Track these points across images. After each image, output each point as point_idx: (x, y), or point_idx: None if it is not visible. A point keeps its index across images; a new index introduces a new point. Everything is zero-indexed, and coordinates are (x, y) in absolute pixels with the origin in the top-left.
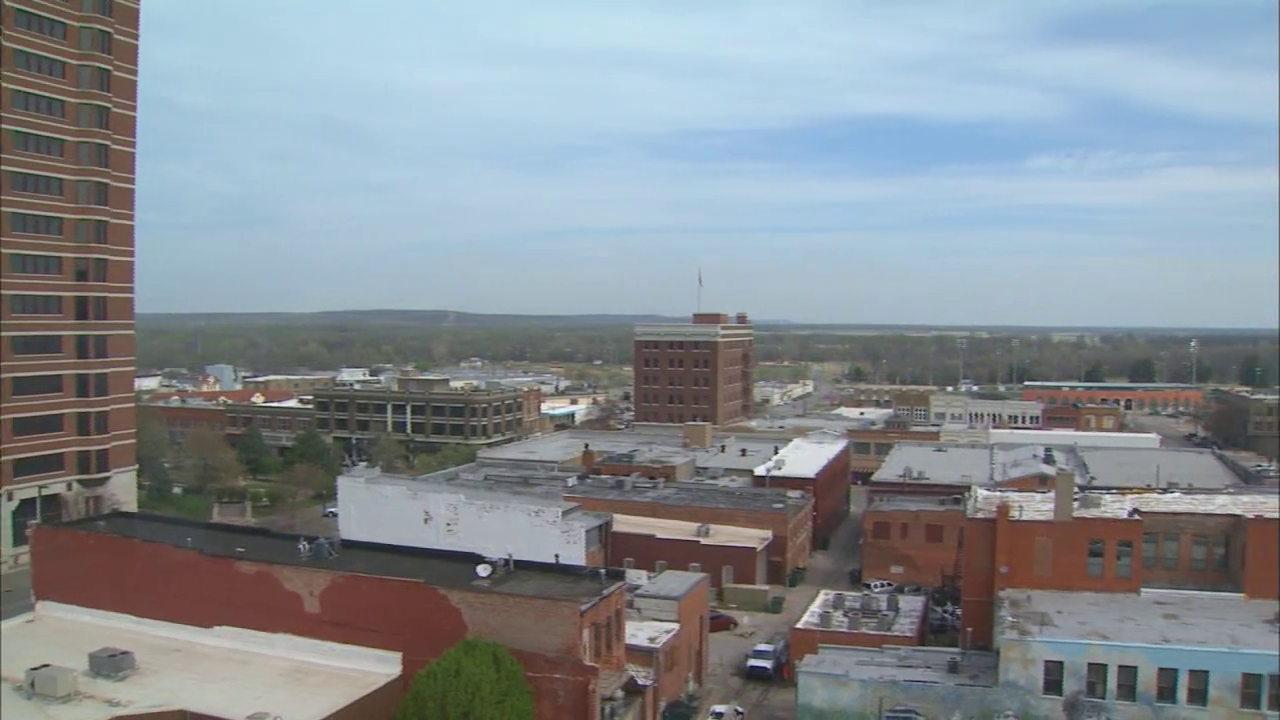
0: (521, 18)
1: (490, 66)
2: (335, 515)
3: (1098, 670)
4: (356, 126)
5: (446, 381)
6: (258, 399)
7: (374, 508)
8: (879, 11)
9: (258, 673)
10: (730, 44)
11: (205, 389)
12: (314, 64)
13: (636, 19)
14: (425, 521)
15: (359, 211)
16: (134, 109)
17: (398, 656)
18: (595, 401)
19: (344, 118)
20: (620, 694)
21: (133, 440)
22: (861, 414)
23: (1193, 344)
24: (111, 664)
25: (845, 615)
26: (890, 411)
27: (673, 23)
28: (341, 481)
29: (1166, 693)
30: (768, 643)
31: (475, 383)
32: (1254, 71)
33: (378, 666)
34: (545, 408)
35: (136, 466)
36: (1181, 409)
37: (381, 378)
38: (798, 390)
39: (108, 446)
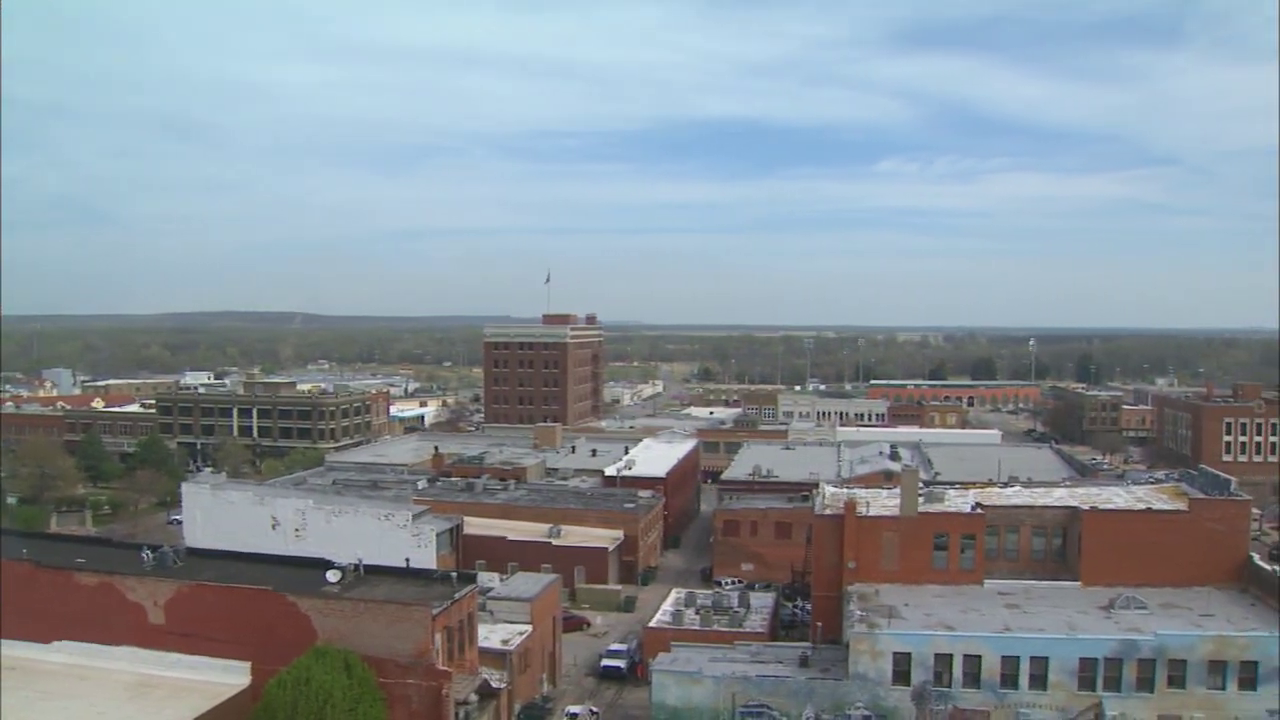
0: (373, 15)
1: (341, 64)
2: (180, 523)
3: (944, 660)
4: (204, 123)
5: (293, 384)
6: (98, 404)
7: (220, 514)
8: (730, 15)
9: (100, 688)
10: (582, 45)
11: (42, 394)
12: (161, 58)
13: (488, 18)
14: (273, 527)
15: (204, 210)
16: None
17: (247, 666)
18: (445, 403)
19: (191, 113)
20: (474, 697)
21: None
22: (711, 413)
23: (1031, 343)
24: None
25: (697, 613)
26: (739, 411)
27: (524, 22)
28: (186, 488)
29: (1009, 679)
30: (621, 642)
31: (323, 385)
32: (1088, 82)
33: (226, 677)
34: (394, 410)
35: None
36: (1021, 406)
37: (227, 381)
38: (647, 390)
39: None
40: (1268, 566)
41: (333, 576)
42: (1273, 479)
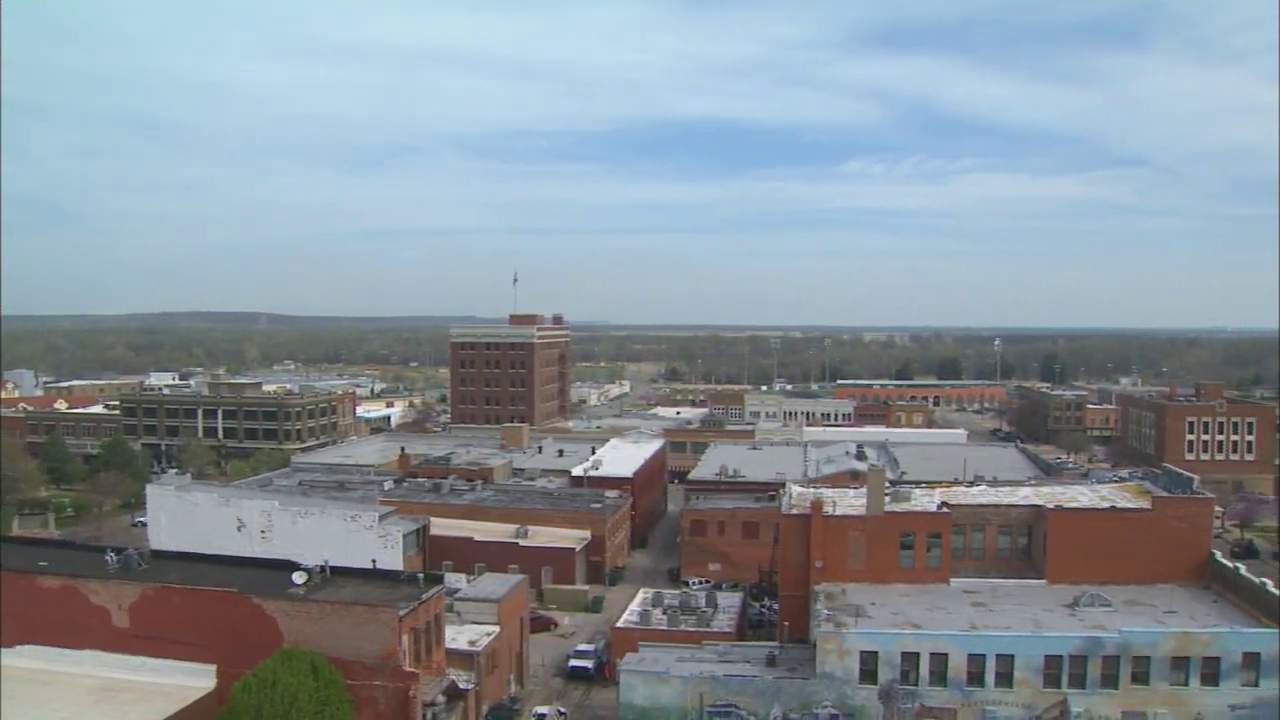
0: (344, 14)
1: (309, 63)
2: (144, 525)
3: (911, 659)
4: (171, 122)
5: (259, 385)
6: (61, 405)
7: (185, 516)
8: (699, 16)
9: (64, 693)
10: (551, 45)
11: (4, 395)
12: (130, 57)
13: (459, 18)
14: (239, 529)
15: (171, 210)
16: None
17: (212, 669)
18: (411, 404)
19: (159, 112)
20: (442, 699)
21: None
22: (677, 413)
23: (997, 343)
24: None
25: (664, 613)
26: (706, 411)
27: (496, 22)
28: (150, 489)
29: (976, 677)
30: (588, 642)
31: (288, 386)
32: (1056, 83)
33: (191, 680)
34: (360, 411)
35: None
36: (986, 405)
37: (192, 382)
38: (614, 390)
39: None
40: (1229, 564)
41: (299, 578)
42: (1234, 477)
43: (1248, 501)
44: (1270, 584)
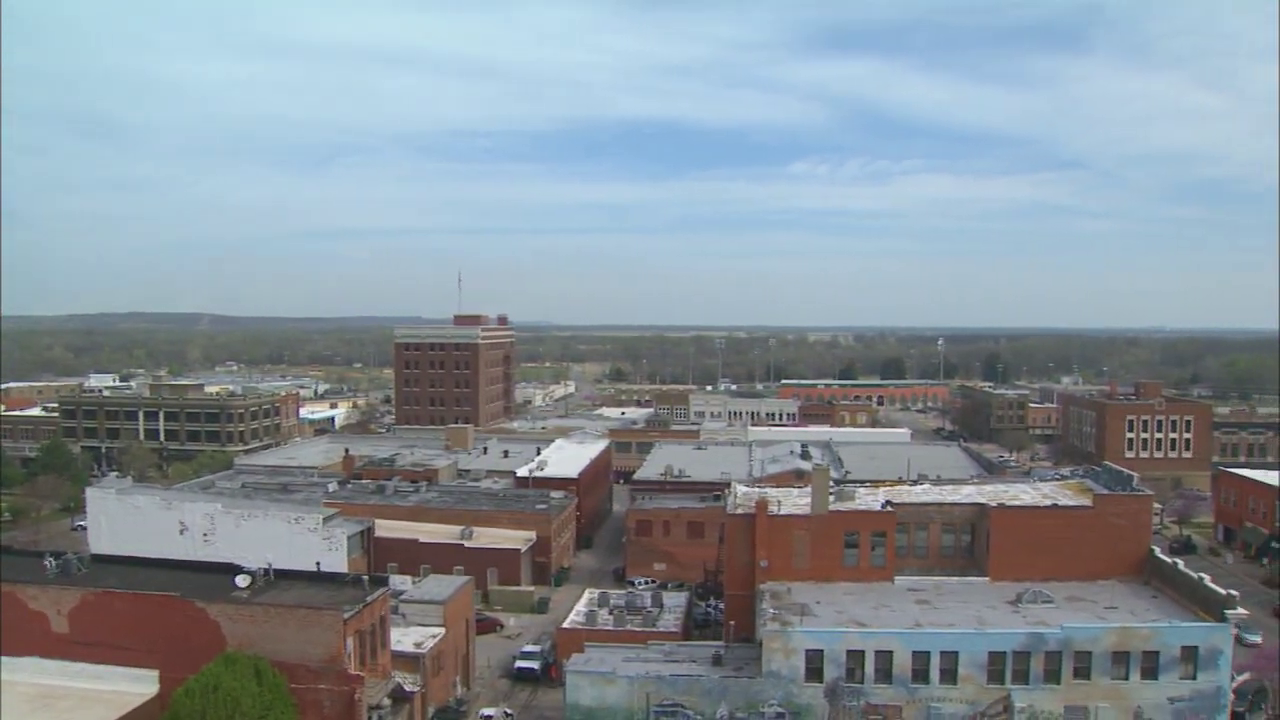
0: (290, 13)
1: (256, 61)
2: (85, 529)
3: (856, 657)
4: (115, 120)
5: (201, 386)
6: None
7: (126, 520)
8: (648, 17)
9: (2, 701)
10: (499, 45)
11: None
12: (73, 54)
13: (407, 16)
14: (181, 532)
15: (113, 209)
16: None
17: (154, 675)
18: (355, 405)
19: (102, 110)
20: (387, 702)
21: None
22: (623, 413)
23: (940, 343)
24: None
25: (610, 613)
26: (651, 411)
27: (442, 22)
28: (91, 493)
29: (920, 674)
30: (534, 643)
31: (231, 388)
32: (999, 86)
33: (133, 686)
34: (304, 412)
35: None
36: (930, 404)
37: (132, 383)
38: (559, 391)
39: None
40: (1168, 559)
41: (242, 581)
42: (1173, 474)
43: (1186, 498)
44: (1208, 579)
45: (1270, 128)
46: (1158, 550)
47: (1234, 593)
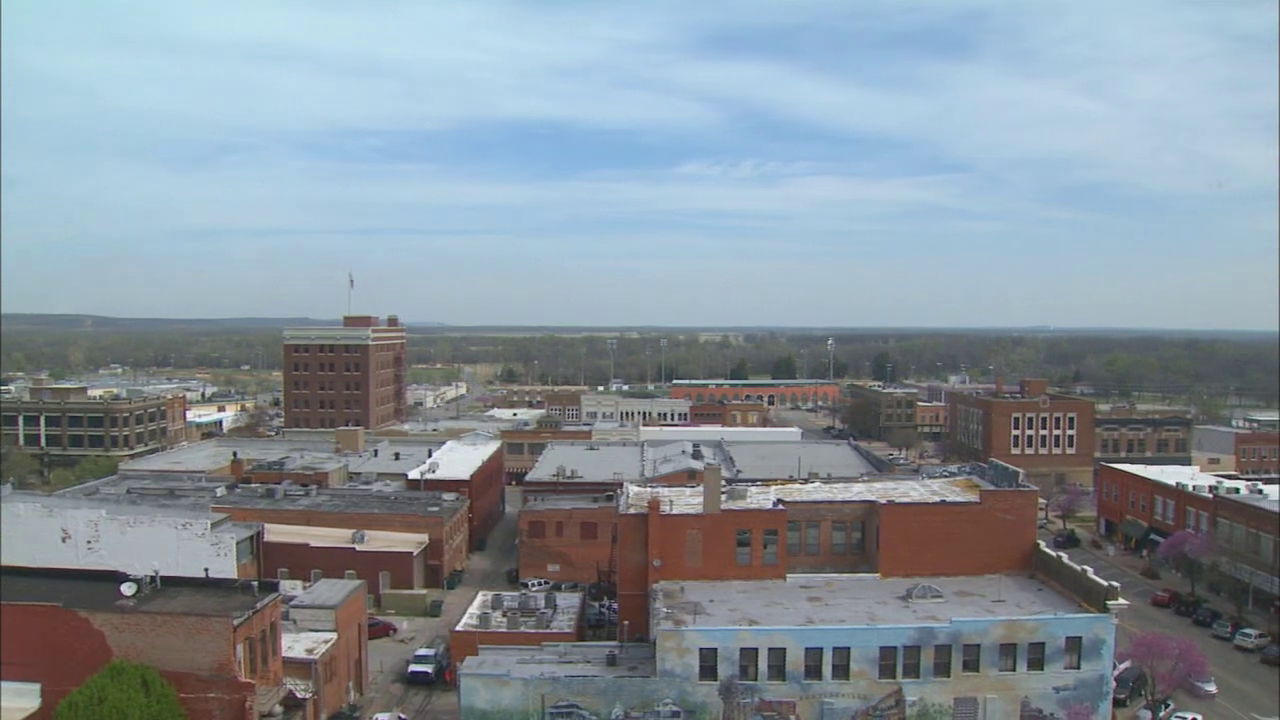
0: (173, 5)
1: (138, 55)
2: None
3: (750, 654)
4: None
5: (84, 390)
6: None
7: (5, 528)
8: (536, 16)
9: None
10: (388, 43)
11: None
12: None
13: (293, 14)
14: (64, 540)
15: None
16: None
17: (36, 688)
18: (244, 408)
19: None
20: (279, 709)
21: None
22: (514, 415)
23: (830, 342)
24: None
25: (504, 615)
26: (543, 412)
27: (329, 19)
28: None
29: (813, 670)
30: (428, 647)
31: (115, 391)
32: (886, 90)
33: (14, 700)
34: (191, 415)
35: None
36: (820, 403)
37: (11, 387)
38: (451, 393)
39: None
40: (1053, 553)
41: (128, 589)
42: (1057, 470)
43: (1069, 493)
44: (1090, 571)
45: (1148, 133)
46: (1043, 544)
47: (1115, 584)
